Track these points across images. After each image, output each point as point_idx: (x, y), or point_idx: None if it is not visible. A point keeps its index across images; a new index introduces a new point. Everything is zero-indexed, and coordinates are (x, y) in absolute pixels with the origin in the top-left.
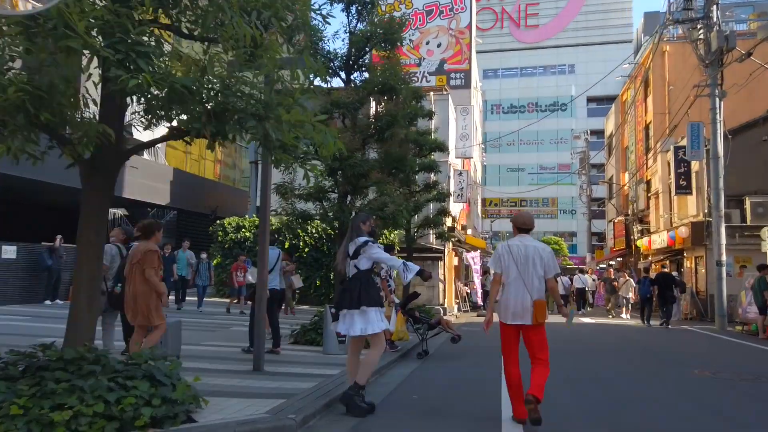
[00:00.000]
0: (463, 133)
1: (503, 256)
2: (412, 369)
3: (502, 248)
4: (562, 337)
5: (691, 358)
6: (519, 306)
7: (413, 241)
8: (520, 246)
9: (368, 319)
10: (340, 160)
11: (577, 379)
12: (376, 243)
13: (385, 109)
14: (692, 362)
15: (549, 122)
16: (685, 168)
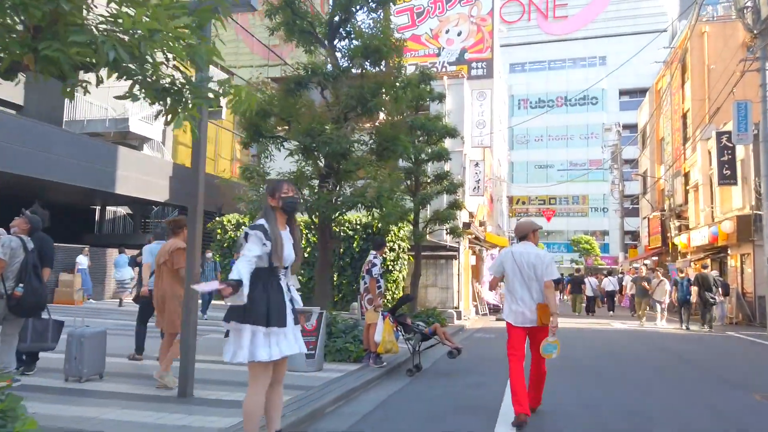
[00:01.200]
0: (479, 120)
1: (506, 262)
2: (394, 390)
3: (505, 255)
4: (591, 347)
5: (745, 375)
6: (527, 311)
7: (421, 237)
8: (522, 253)
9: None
10: (312, 136)
11: (603, 409)
12: (258, 232)
13: (371, 76)
14: (749, 381)
15: (579, 117)
16: (729, 156)
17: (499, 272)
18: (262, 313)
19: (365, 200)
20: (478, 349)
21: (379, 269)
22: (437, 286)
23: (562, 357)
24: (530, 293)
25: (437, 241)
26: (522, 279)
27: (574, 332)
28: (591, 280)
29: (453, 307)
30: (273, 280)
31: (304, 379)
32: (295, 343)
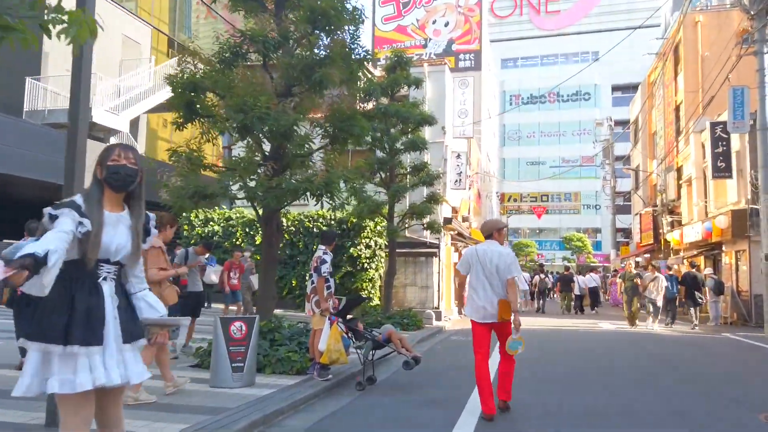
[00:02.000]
0: (461, 109)
1: (471, 260)
2: (330, 411)
3: (470, 253)
4: (570, 351)
5: (747, 388)
6: (487, 306)
7: (394, 232)
8: (486, 251)
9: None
10: (245, 111)
11: None
12: (68, 209)
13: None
14: (752, 396)
15: (571, 113)
16: (724, 147)
17: (465, 270)
18: (58, 326)
19: (312, 187)
20: (450, 355)
21: (329, 267)
22: (416, 285)
23: (534, 364)
24: (492, 290)
25: (416, 238)
26: (484, 276)
27: (556, 334)
28: (580, 278)
29: (433, 308)
30: (85, 278)
31: (222, 398)
32: (120, 370)
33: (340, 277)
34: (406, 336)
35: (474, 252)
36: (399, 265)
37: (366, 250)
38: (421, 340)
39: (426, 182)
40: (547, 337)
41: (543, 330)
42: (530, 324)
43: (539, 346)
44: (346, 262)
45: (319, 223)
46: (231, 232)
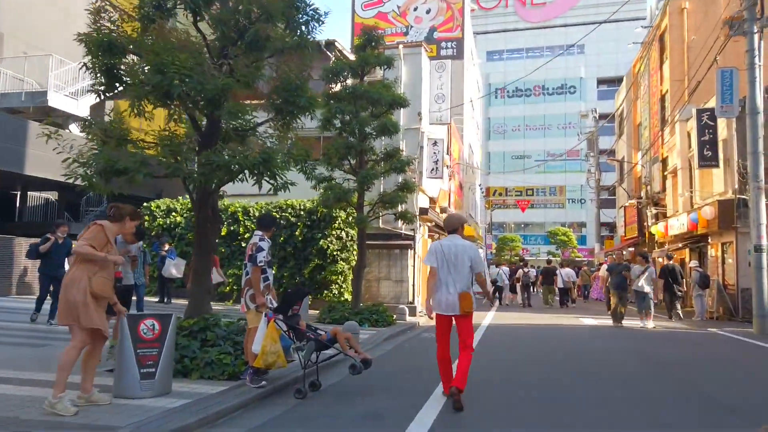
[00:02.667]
0: (438, 94)
1: (436, 253)
2: (255, 425)
3: (436, 246)
4: (544, 348)
5: (742, 393)
6: (450, 299)
7: (364, 221)
8: (450, 245)
9: None
10: (162, 72)
11: None
12: None
13: None
14: (749, 404)
15: (556, 106)
16: (711, 135)
17: (431, 263)
18: None
19: (246, 163)
20: (414, 356)
21: (266, 255)
22: (391, 279)
23: (498, 368)
24: (454, 283)
25: (391, 229)
26: (447, 269)
27: (531, 330)
28: (563, 271)
29: (407, 303)
30: None
31: (121, 413)
32: None
33: (309, 270)
34: (373, 333)
35: (439, 246)
36: (373, 257)
37: (337, 242)
38: (389, 337)
39: (397, 169)
40: (521, 332)
41: (521, 325)
42: (508, 320)
43: (523, 353)
44: (316, 255)
45: (288, 213)
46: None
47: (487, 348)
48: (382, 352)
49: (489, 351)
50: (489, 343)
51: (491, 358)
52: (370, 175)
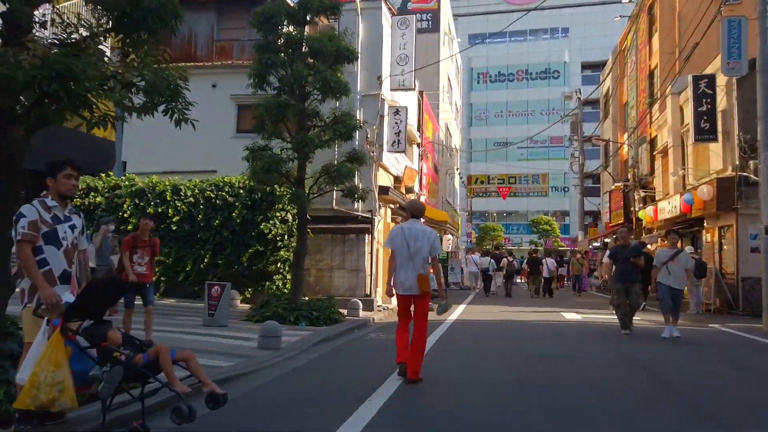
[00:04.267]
0: (401, 55)
1: (397, 237)
2: None
3: (397, 230)
4: (519, 355)
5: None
6: (409, 280)
7: (300, 198)
8: (411, 229)
9: None
10: None
11: None
12: None
13: None
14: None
15: (540, 91)
16: (709, 105)
17: (391, 246)
18: None
19: (25, 76)
20: (339, 370)
21: (31, 224)
22: (345, 268)
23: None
24: (413, 265)
25: (346, 210)
26: (408, 252)
27: (502, 329)
28: (549, 261)
29: (363, 295)
30: None
31: None
32: None
33: (248, 258)
34: (307, 334)
35: (400, 229)
36: (325, 243)
37: (281, 225)
38: (324, 339)
39: (342, 135)
40: (500, 338)
41: (496, 326)
42: (479, 314)
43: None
44: (256, 240)
45: (225, 192)
46: (117, 204)
47: (436, 361)
48: (302, 362)
49: (438, 362)
50: (442, 349)
51: (432, 377)
52: (308, 141)
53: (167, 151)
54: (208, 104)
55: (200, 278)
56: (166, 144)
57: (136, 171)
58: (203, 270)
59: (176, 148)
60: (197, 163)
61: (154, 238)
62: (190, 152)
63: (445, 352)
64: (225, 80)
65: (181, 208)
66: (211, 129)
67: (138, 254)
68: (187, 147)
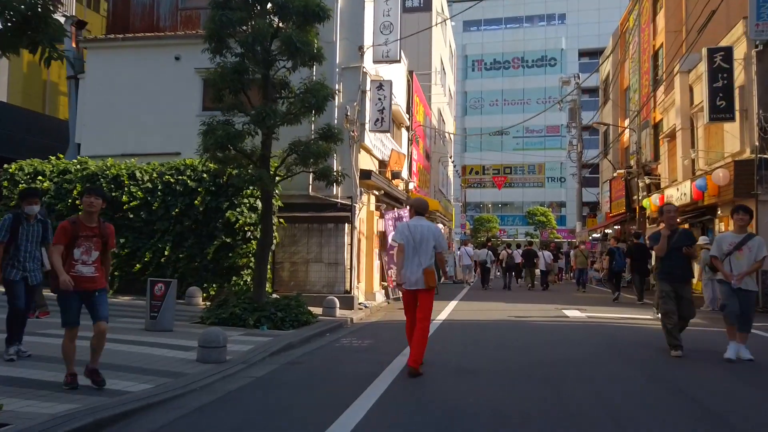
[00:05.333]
0: (385, 22)
1: (404, 233)
2: None
3: (403, 227)
4: (525, 361)
5: None
6: (415, 275)
7: (264, 180)
8: (416, 226)
9: None
10: None
11: None
12: None
13: None
14: None
15: (536, 79)
16: (725, 80)
17: (400, 240)
18: None
19: None
20: (287, 390)
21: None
22: (322, 262)
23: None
24: (419, 261)
25: (323, 197)
26: (413, 248)
27: (497, 331)
28: (545, 253)
29: (343, 292)
30: None
31: None
32: None
33: (213, 251)
34: (264, 341)
35: (406, 226)
36: (300, 234)
37: (249, 213)
38: (283, 348)
39: (311, 106)
40: (494, 343)
41: (490, 327)
42: (472, 312)
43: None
44: (222, 231)
45: (186, 176)
46: (67, 189)
47: (414, 381)
48: (245, 381)
49: (416, 383)
50: (423, 362)
51: (404, 403)
52: (269, 112)
53: (126, 131)
54: (171, 79)
55: (159, 273)
56: (124, 124)
57: (92, 154)
58: (162, 264)
59: (136, 128)
60: (159, 145)
61: (106, 224)
62: (151, 133)
63: (426, 366)
64: (190, 52)
65: (137, 195)
66: (175, 107)
67: (82, 248)
68: (147, 127)
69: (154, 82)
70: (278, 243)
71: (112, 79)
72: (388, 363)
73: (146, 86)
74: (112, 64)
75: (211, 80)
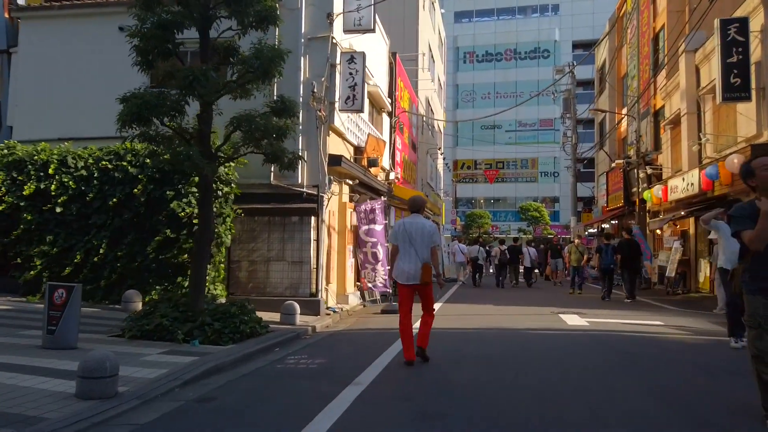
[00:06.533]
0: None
1: (400, 231)
2: None
3: (400, 225)
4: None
5: None
6: (412, 270)
7: (190, 158)
8: (413, 223)
9: None
10: None
11: None
12: None
13: None
14: None
15: (529, 71)
16: (741, 55)
17: (395, 240)
18: None
19: None
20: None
21: None
22: (285, 260)
23: None
24: (417, 257)
25: (287, 186)
26: (411, 245)
27: (488, 342)
28: (530, 250)
29: (309, 295)
30: None
31: None
32: None
33: (156, 247)
34: (186, 362)
35: (402, 224)
36: (260, 228)
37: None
38: (206, 373)
39: (256, 70)
40: (474, 372)
41: (472, 340)
42: (456, 319)
43: None
44: (166, 225)
45: (126, 162)
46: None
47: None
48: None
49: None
50: (380, 397)
51: None
52: (198, 75)
53: (64, 112)
54: (115, 53)
55: (95, 274)
56: (62, 104)
57: (25, 138)
58: (98, 264)
59: (75, 108)
60: (101, 128)
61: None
62: (92, 113)
63: (383, 402)
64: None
65: (69, 184)
66: (119, 84)
67: None
68: (88, 107)
69: (95, 56)
70: (234, 238)
71: (48, 54)
72: (333, 397)
73: (87, 61)
74: (48, 36)
75: (136, 43)
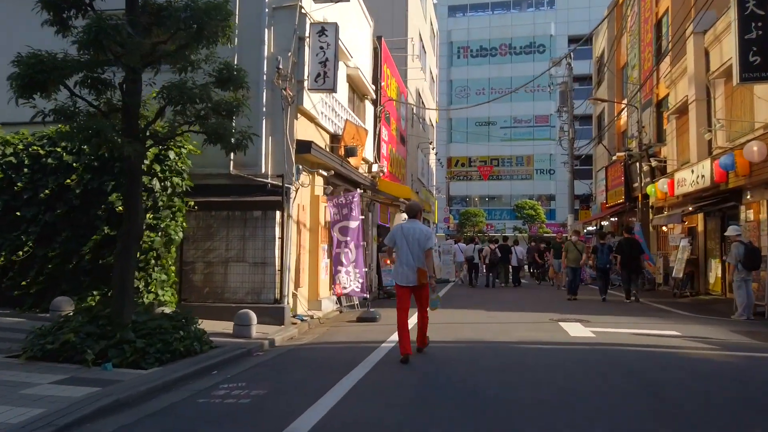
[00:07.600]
0: None
1: (397, 235)
2: None
3: (397, 229)
4: None
5: None
6: (409, 272)
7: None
8: (410, 228)
9: None
10: None
11: None
12: None
13: None
14: None
15: (524, 67)
16: (761, 30)
17: (392, 243)
18: None
19: None
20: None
21: None
22: (247, 261)
23: None
24: (414, 260)
25: (249, 176)
26: (408, 249)
27: (478, 363)
28: (517, 249)
29: (272, 301)
30: None
31: None
32: None
33: (93, 246)
34: (80, 396)
35: (400, 229)
36: (218, 224)
37: (144, 196)
38: (78, 422)
39: (188, 28)
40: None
41: (460, 359)
42: (456, 329)
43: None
44: (105, 221)
45: (60, 149)
46: None
47: None
48: None
49: None
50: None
51: None
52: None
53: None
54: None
55: (22, 277)
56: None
57: None
58: (26, 264)
59: (2, 89)
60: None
61: None
62: None
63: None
64: None
65: (25, 178)
66: None
67: None
68: None
69: (29, 25)
70: (188, 236)
71: None
72: None
73: (18, 31)
74: None
75: None
